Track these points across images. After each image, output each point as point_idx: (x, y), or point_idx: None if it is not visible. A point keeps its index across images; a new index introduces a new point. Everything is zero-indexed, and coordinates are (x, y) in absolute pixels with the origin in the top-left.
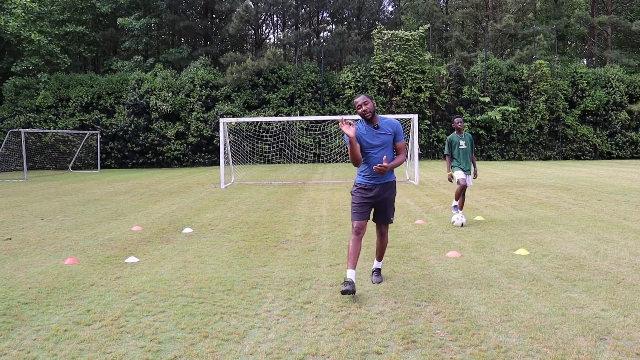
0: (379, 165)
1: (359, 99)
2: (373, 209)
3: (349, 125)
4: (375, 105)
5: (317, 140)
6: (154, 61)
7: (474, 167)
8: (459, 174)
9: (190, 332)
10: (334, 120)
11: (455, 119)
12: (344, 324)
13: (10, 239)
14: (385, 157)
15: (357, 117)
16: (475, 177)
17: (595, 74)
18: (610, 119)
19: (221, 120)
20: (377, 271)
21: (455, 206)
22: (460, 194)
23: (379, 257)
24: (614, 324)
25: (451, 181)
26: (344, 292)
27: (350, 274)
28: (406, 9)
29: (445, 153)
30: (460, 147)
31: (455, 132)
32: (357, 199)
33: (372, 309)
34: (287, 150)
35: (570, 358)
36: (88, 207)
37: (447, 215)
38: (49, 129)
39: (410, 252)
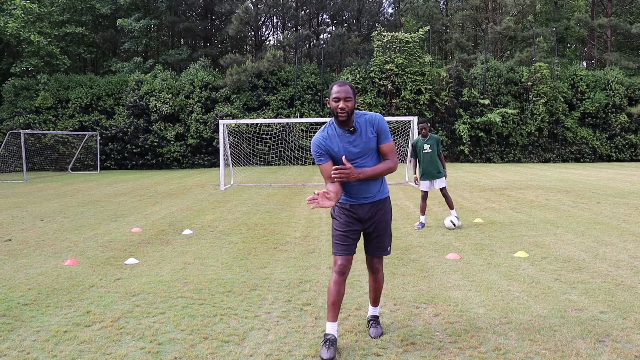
0: (339, 168)
1: (340, 89)
2: (362, 237)
3: (325, 198)
4: (356, 103)
5: None
6: (153, 62)
7: (443, 167)
8: (423, 185)
9: (190, 334)
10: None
11: (420, 125)
12: (344, 326)
13: (10, 240)
14: (344, 156)
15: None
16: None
17: (595, 76)
18: (609, 121)
19: (221, 121)
20: (375, 320)
21: (422, 224)
22: (425, 207)
23: (374, 302)
24: (613, 326)
25: (416, 184)
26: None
27: (332, 328)
28: (406, 11)
29: (409, 157)
30: (424, 151)
31: (420, 135)
32: (340, 224)
33: None
34: (286, 152)
35: None
36: (88, 209)
37: (445, 217)
38: (49, 130)
39: (410, 254)
